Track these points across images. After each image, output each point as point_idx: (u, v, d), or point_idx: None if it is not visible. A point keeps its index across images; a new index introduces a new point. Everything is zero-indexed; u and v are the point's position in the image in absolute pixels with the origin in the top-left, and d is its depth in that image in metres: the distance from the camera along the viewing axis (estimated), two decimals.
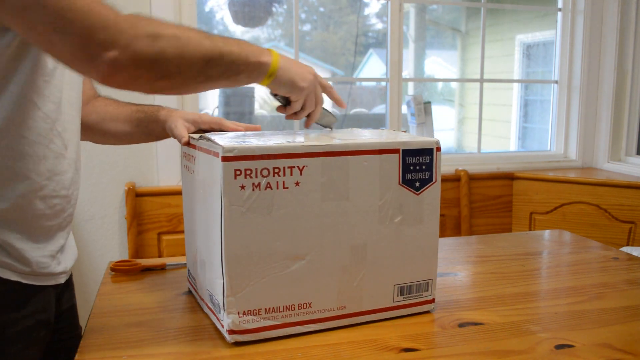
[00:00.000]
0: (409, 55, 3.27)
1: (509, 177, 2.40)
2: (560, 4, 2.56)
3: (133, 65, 0.67)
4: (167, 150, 1.99)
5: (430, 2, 2.88)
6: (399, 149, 0.82)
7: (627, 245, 2.12)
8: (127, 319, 0.87)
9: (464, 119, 3.84)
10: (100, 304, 0.93)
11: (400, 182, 0.83)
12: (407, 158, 0.83)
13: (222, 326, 0.78)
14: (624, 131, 2.50)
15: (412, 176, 0.83)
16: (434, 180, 0.85)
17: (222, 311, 0.78)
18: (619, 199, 2.16)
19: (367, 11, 2.78)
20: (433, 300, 0.90)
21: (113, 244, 1.98)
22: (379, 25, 2.74)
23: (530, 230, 2.36)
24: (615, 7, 2.41)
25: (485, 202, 2.37)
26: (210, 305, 0.84)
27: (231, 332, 0.77)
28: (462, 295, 0.98)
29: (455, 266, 1.13)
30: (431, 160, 0.84)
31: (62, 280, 0.89)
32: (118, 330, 0.82)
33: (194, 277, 0.93)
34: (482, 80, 2.55)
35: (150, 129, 1.00)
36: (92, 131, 1.01)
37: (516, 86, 3.51)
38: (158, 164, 2.00)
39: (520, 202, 2.39)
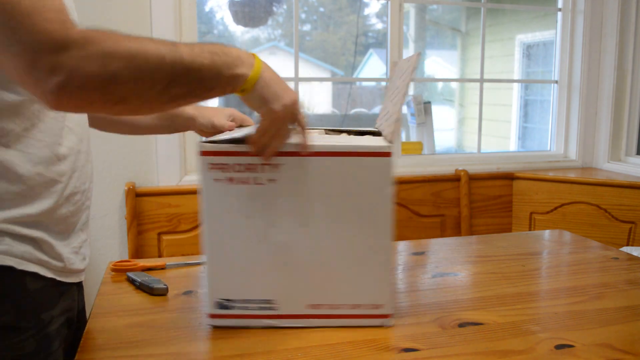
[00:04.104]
0: (409, 55, 3.27)
1: (509, 177, 2.40)
2: (560, 4, 2.56)
3: (83, 90, 0.61)
4: (167, 150, 1.99)
5: (430, 2, 2.88)
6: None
7: (627, 245, 2.12)
8: (127, 319, 0.87)
9: (464, 119, 3.84)
10: (100, 304, 0.93)
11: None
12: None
13: None
14: (624, 131, 2.50)
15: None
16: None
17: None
18: (619, 199, 2.16)
19: (367, 11, 2.77)
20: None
21: (113, 244, 1.98)
22: (379, 25, 2.74)
23: (530, 230, 2.36)
24: (615, 7, 2.41)
25: (485, 202, 2.37)
26: None
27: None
28: (462, 295, 0.98)
29: (455, 266, 1.13)
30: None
31: (82, 277, 0.88)
32: (118, 330, 0.82)
33: None
34: (482, 80, 2.55)
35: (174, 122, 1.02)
36: (104, 118, 1.00)
37: (516, 86, 3.51)
38: (158, 164, 2.00)
39: (520, 202, 2.39)
